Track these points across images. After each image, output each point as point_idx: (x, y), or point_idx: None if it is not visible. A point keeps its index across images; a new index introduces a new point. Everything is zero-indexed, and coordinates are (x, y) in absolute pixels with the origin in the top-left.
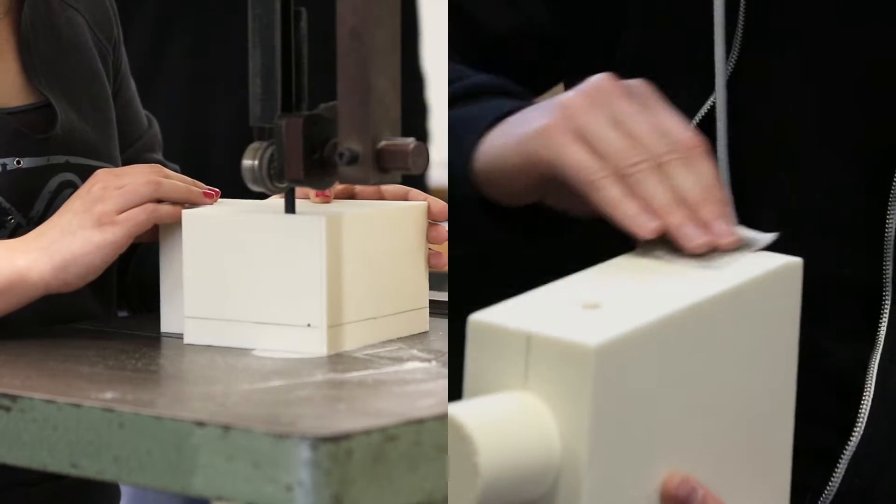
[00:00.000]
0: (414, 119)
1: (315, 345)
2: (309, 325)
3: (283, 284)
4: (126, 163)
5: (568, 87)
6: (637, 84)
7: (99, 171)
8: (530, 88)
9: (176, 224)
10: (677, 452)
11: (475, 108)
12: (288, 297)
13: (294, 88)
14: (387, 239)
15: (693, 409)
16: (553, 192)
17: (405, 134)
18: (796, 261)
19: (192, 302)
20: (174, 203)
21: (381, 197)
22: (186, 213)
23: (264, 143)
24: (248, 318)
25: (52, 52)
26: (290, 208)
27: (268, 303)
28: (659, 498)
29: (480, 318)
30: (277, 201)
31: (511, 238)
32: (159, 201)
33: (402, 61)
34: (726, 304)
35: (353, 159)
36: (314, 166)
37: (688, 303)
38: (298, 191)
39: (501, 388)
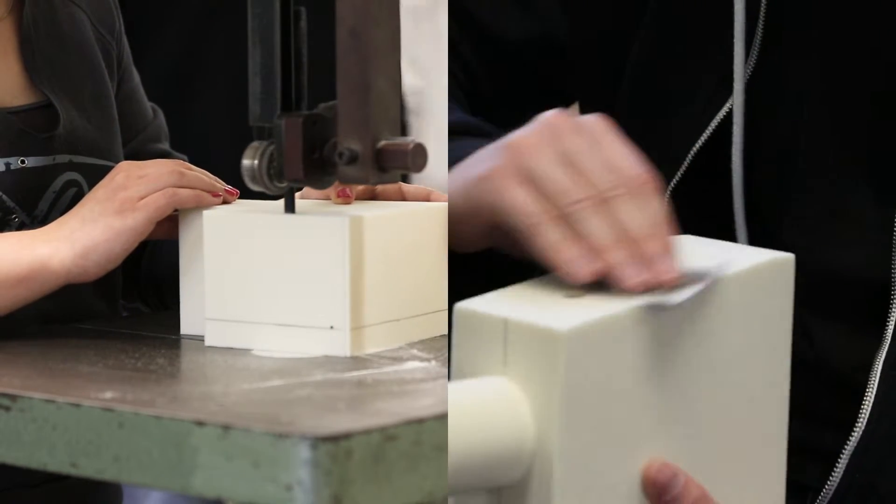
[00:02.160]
0: None
1: (338, 347)
2: (332, 328)
3: (305, 286)
4: (131, 153)
5: (582, 104)
6: (590, 119)
7: (122, 163)
8: (538, 100)
9: (196, 225)
10: (661, 442)
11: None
12: (310, 299)
13: (294, 88)
14: (409, 240)
15: (678, 398)
16: (503, 238)
17: None
18: (788, 256)
19: (213, 304)
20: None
21: (403, 198)
22: (207, 214)
23: (264, 143)
24: (269, 320)
25: (54, 50)
26: (289, 208)
27: (290, 305)
28: (641, 485)
29: (464, 306)
30: (298, 202)
31: (473, 283)
32: None
33: None
34: (712, 294)
35: (353, 159)
36: (314, 166)
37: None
38: (318, 192)
39: (482, 374)
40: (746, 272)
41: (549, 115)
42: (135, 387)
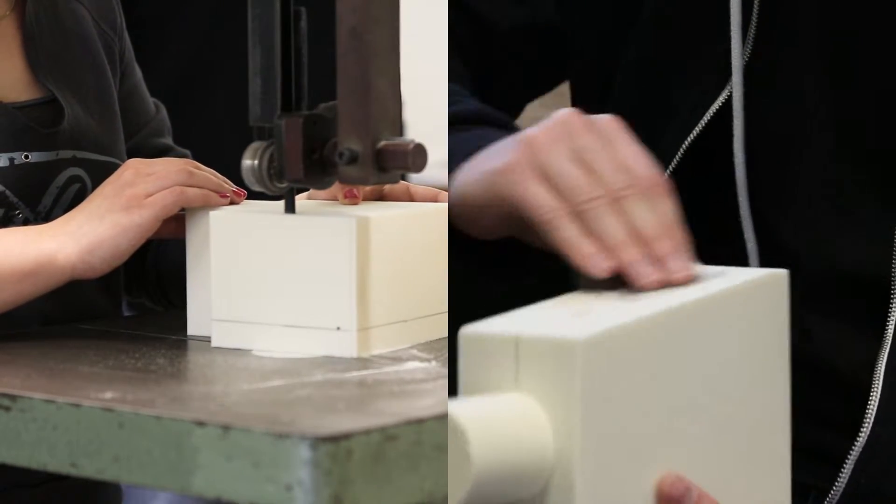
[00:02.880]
0: None
1: (345, 348)
2: (339, 329)
3: (312, 287)
4: (133, 149)
5: (573, 85)
6: (603, 118)
7: (131, 160)
8: (532, 85)
9: (203, 224)
10: (672, 452)
11: (452, 140)
12: (317, 300)
13: (294, 88)
14: (414, 241)
15: (686, 409)
16: (521, 228)
17: None
18: (782, 272)
19: (220, 304)
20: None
21: (412, 198)
22: (214, 215)
23: (264, 143)
24: (276, 321)
25: (57, 46)
26: (289, 208)
27: (297, 305)
28: (654, 498)
29: (471, 330)
30: (303, 202)
31: (482, 272)
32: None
33: None
34: (713, 306)
35: (353, 159)
36: (314, 166)
37: (675, 304)
38: (326, 192)
39: (494, 392)
40: (743, 286)
41: (564, 113)
42: (135, 387)
